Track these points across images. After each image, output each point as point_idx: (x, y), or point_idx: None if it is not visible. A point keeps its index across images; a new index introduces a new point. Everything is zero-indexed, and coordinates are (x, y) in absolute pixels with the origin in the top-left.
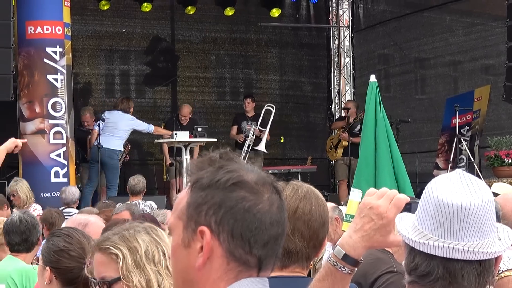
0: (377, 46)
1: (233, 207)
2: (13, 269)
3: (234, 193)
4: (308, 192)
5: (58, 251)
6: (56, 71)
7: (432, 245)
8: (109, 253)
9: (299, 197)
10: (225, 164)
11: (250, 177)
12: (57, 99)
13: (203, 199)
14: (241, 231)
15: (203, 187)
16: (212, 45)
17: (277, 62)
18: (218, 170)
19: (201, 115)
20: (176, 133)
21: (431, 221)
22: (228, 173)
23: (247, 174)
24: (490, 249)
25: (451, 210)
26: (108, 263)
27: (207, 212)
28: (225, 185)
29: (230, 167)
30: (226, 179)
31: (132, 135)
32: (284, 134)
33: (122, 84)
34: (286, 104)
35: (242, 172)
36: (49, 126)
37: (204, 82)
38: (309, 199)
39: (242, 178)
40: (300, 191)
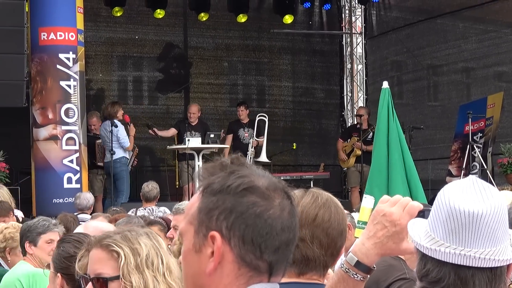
0: (390, 52)
1: (244, 212)
2: (21, 273)
3: (245, 198)
4: (327, 200)
5: (68, 257)
6: (69, 77)
7: (444, 252)
8: (111, 250)
9: (319, 204)
10: (236, 169)
11: (261, 182)
12: (70, 105)
13: (214, 204)
14: (252, 236)
15: (214, 192)
16: (225, 52)
17: (290, 69)
18: (229, 175)
19: (214, 121)
20: (189, 139)
21: (443, 227)
22: (239, 178)
23: (258, 179)
24: (502, 257)
25: (464, 217)
26: (107, 260)
27: (218, 217)
28: (236, 190)
29: (241, 172)
30: (237, 184)
31: (145, 141)
32: (297, 141)
33: (135, 90)
34: (298, 110)
35: (253, 177)
36: (62, 132)
37: (217, 89)
38: (328, 207)
39: (253, 183)
40: (319, 199)
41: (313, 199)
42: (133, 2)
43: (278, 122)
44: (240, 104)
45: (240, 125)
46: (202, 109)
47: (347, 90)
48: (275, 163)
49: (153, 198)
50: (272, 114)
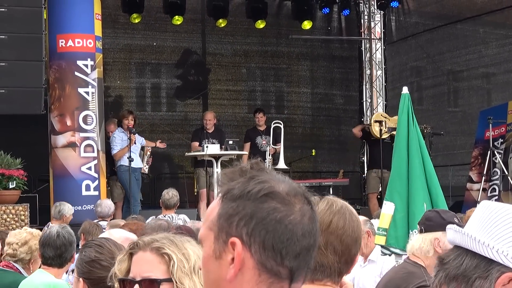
0: (409, 58)
1: (265, 218)
2: (40, 283)
3: (266, 204)
4: (342, 207)
5: (89, 261)
6: (87, 84)
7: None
8: (162, 253)
9: (333, 211)
10: (256, 174)
11: (282, 187)
12: (88, 112)
13: (234, 210)
14: (272, 243)
15: (234, 197)
16: (243, 58)
17: (309, 75)
18: (249, 181)
19: (232, 128)
20: (207, 146)
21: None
22: (259, 184)
23: (278, 184)
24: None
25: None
26: (157, 263)
27: (238, 223)
28: (256, 196)
29: (262, 178)
30: (258, 190)
31: (162, 149)
32: (316, 147)
33: (153, 97)
34: (317, 117)
35: (273, 182)
36: (80, 139)
37: (235, 95)
38: (343, 214)
39: (273, 189)
40: (334, 205)
41: (327, 205)
42: (151, 9)
43: (297, 129)
44: (257, 110)
45: (258, 133)
46: (220, 116)
47: (366, 96)
48: (294, 170)
49: (173, 206)
50: (290, 120)
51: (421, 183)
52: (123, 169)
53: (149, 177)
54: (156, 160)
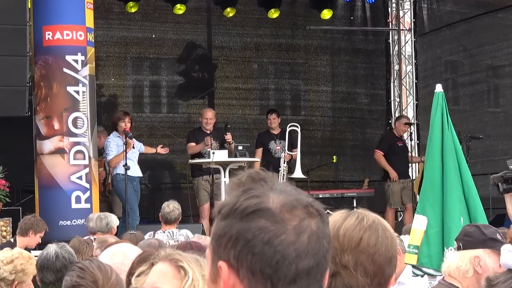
0: (443, 52)
1: (251, 240)
2: None
3: (253, 223)
4: (374, 222)
5: (70, 287)
6: (77, 82)
7: None
8: (180, 267)
9: (364, 227)
10: (250, 187)
11: (276, 202)
12: (79, 114)
13: (222, 230)
14: (260, 267)
15: (224, 216)
16: (254, 52)
17: (329, 71)
18: (240, 196)
19: (242, 131)
20: (214, 152)
21: None
22: (248, 200)
23: (272, 198)
24: None
25: None
26: (172, 276)
27: (226, 245)
28: (243, 214)
29: (254, 192)
30: (245, 207)
31: (163, 155)
32: (337, 153)
33: (152, 96)
34: (339, 118)
35: (265, 197)
36: (70, 144)
37: (245, 94)
38: (375, 230)
39: (262, 204)
40: (365, 220)
41: (357, 220)
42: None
43: (316, 132)
44: (270, 111)
45: (271, 137)
46: (228, 118)
47: (394, 94)
48: (313, 179)
49: (174, 220)
50: (308, 122)
51: (458, 194)
52: (119, 178)
53: (147, 187)
54: (156, 169)
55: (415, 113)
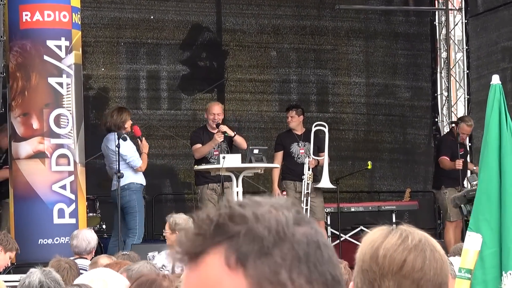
0: (501, 36)
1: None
2: None
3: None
4: (421, 242)
5: None
6: (60, 73)
7: None
8: None
9: (408, 247)
10: (233, 210)
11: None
12: (62, 110)
13: (275, 264)
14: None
15: (268, 248)
16: (273, 37)
17: (362, 59)
18: (248, 221)
19: (258, 131)
20: (224, 156)
21: None
22: (267, 216)
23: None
24: None
25: None
26: None
27: (291, 275)
28: (287, 229)
29: (251, 209)
30: (286, 220)
31: (164, 159)
32: (372, 158)
33: (150, 90)
34: (374, 116)
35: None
36: (51, 147)
37: (262, 87)
38: (421, 250)
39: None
40: (410, 239)
41: (400, 239)
42: None
43: (347, 133)
44: (290, 107)
45: (293, 138)
46: (241, 115)
47: (441, 87)
48: (343, 189)
49: None
50: (338, 121)
51: None
52: (134, 187)
53: (144, 199)
54: (154, 176)
55: (466, 109)
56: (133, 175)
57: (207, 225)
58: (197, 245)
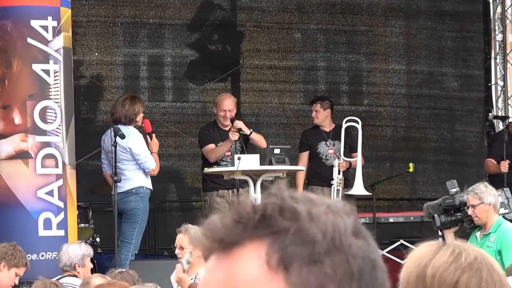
0: None
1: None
2: None
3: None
4: (476, 260)
5: None
6: (47, 58)
7: None
8: None
9: (462, 266)
10: (285, 203)
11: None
12: (49, 102)
13: (325, 274)
14: None
15: (319, 255)
16: (297, 15)
17: (402, 42)
18: (303, 221)
19: (279, 127)
20: (239, 157)
21: None
22: (327, 219)
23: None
24: None
25: None
26: None
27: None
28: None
29: (317, 206)
30: (344, 227)
31: (169, 161)
32: (414, 160)
33: (151, 78)
34: (417, 110)
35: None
36: (36, 146)
37: (284, 75)
38: (477, 270)
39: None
40: (463, 256)
41: (452, 256)
42: None
43: (384, 129)
44: (316, 100)
45: (321, 136)
46: (259, 108)
47: (496, 76)
48: (380, 196)
49: None
50: (373, 116)
51: None
52: (143, 193)
53: None
54: (158, 180)
55: None
56: (144, 179)
57: (251, 213)
58: (234, 234)
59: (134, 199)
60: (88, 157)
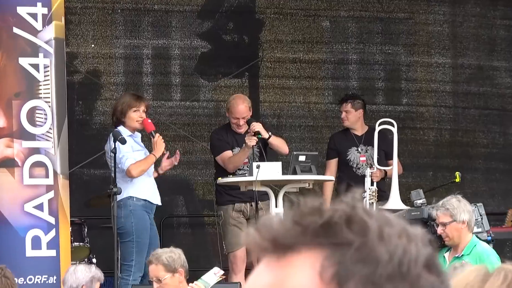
0: None
1: None
2: None
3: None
4: None
5: None
6: (36, 51)
7: None
8: None
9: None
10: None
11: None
12: (38, 102)
13: None
14: None
15: (383, 279)
16: (325, 1)
17: (448, 32)
18: (375, 239)
19: (303, 130)
20: (259, 165)
21: None
22: (398, 245)
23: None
24: None
25: None
26: None
27: None
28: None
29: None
30: (415, 257)
31: (176, 169)
32: (461, 168)
33: (156, 74)
34: (464, 110)
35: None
36: (23, 152)
37: (310, 70)
38: None
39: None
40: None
41: (505, 284)
42: None
43: (426, 132)
44: (347, 99)
45: (352, 141)
46: (281, 108)
47: None
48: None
49: None
50: (413, 117)
51: None
52: (133, 204)
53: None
54: (163, 192)
55: None
56: (132, 187)
57: (314, 217)
58: (290, 236)
59: (123, 214)
60: (83, 165)
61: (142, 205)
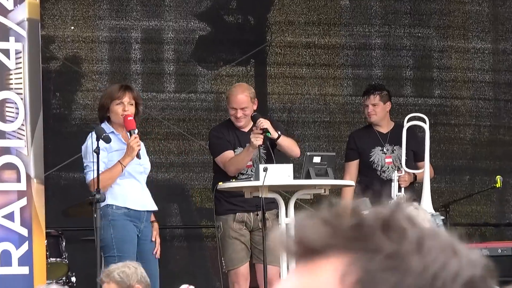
0: None
1: None
2: None
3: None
4: None
5: None
6: (6, 34)
7: None
8: None
9: None
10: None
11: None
12: (8, 94)
13: None
14: None
15: None
16: None
17: (487, 12)
18: (412, 250)
19: (319, 127)
20: (266, 167)
21: None
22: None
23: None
24: None
25: None
26: None
27: None
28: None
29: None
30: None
31: (169, 173)
32: (503, 171)
33: (147, 61)
34: (506, 103)
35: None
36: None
37: (326, 57)
38: None
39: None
40: None
41: None
42: None
43: (462, 130)
44: (373, 90)
45: (375, 139)
46: (293, 101)
47: None
48: (456, 220)
49: None
50: (447, 112)
51: None
52: (113, 213)
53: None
54: (157, 199)
55: None
56: (109, 193)
57: (347, 218)
58: (317, 236)
59: (103, 225)
60: (61, 167)
61: (124, 213)
